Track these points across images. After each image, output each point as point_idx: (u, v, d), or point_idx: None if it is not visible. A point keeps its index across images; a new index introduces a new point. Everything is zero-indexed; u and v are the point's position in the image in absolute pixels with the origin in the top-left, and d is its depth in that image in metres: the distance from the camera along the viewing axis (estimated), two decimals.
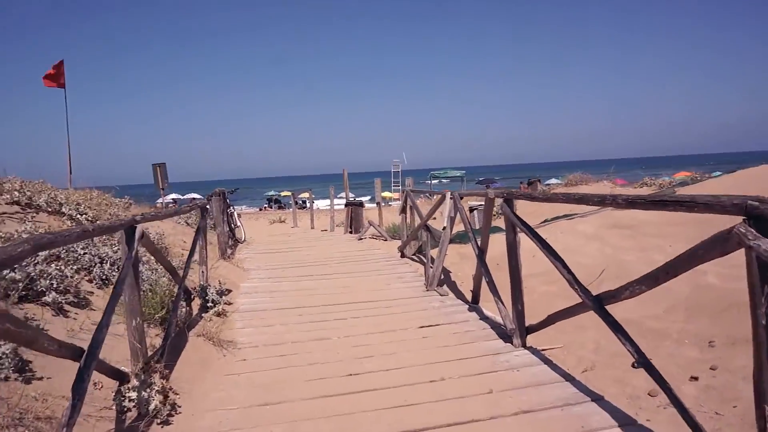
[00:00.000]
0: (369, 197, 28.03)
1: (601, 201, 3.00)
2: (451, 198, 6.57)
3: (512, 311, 4.33)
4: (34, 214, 6.46)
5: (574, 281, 3.29)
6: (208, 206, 6.70)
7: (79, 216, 6.81)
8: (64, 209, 6.74)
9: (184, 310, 5.26)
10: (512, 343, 4.30)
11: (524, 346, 4.26)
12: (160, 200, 17.41)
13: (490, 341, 4.48)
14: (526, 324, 4.28)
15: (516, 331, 4.26)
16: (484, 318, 5.18)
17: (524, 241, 6.08)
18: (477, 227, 10.27)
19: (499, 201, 4.52)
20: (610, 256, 6.58)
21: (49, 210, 6.72)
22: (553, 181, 38.34)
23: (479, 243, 5.33)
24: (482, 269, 5.13)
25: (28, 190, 6.80)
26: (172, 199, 41.43)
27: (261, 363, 4.26)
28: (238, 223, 12.32)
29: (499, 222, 10.33)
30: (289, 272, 8.14)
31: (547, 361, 3.95)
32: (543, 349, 4.65)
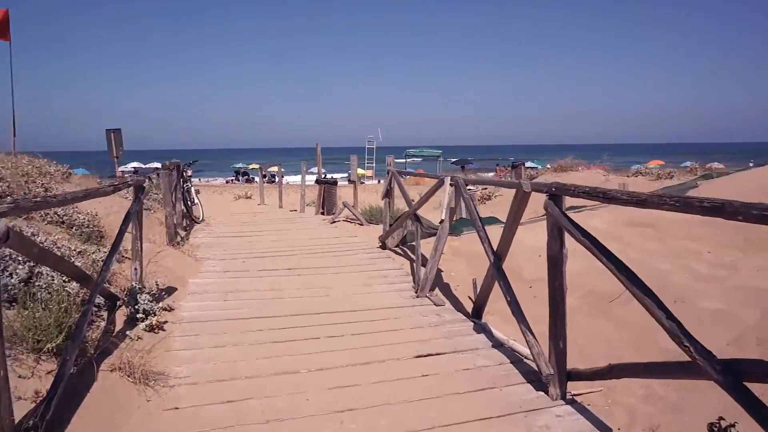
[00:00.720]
0: (343, 175, 26.63)
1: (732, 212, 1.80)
2: (451, 184, 5.36)
3: (549, 348, 3.19)
4: None
5: (680, 333, 2.14)
6: (146, 184, 5.29)
7: None
8: None
9: (101, 325, 3.95)
10: (547, 393, 3.16)
11: (564, 398, 3.13)
12: (120, 169, 15.76)
13: (515, 386, 3.33)
14: (568, 368, 3.15)
15: (555, 377, 3.12)
16: (497, 345, 4.04)
17: (525, 234, 4.96)
18: (463, 216, 9.10)
19: (540, 196, 3.32)
20: (637, 263, 5.43)
21: None
22: (530, 164, 37.39)
23: (494, 246, 4.15)
24: (500, 282, 3.95)
25: None
26: (133, 168, 39.14)
27: (198, 415, 3.01)
28: (196, 200, 10.92)
29: (500, 212, 9.06)
30: (251, 264, 6.84)
31: (602, 427, 2.83)
32: (578, 394, 3.55)
